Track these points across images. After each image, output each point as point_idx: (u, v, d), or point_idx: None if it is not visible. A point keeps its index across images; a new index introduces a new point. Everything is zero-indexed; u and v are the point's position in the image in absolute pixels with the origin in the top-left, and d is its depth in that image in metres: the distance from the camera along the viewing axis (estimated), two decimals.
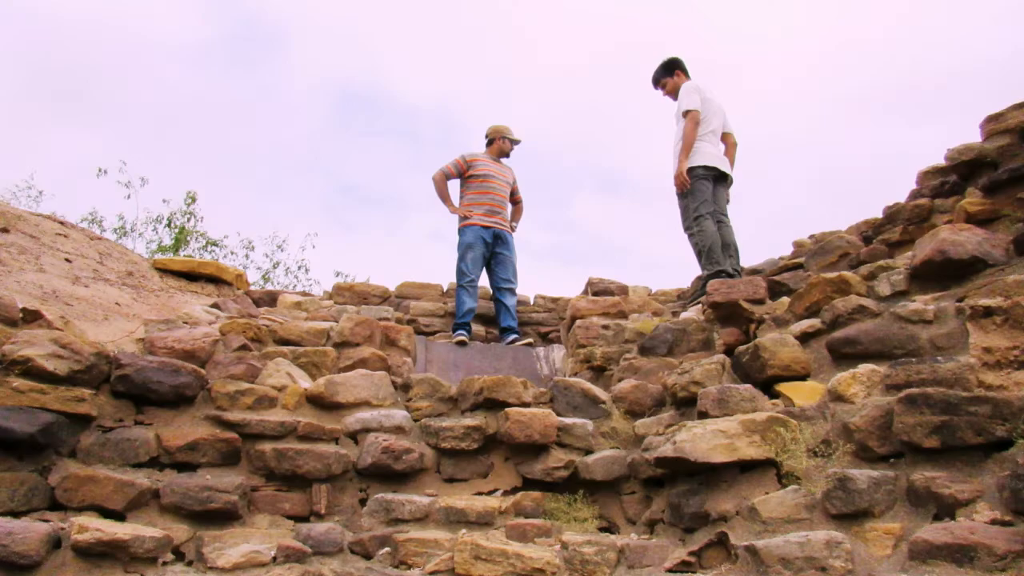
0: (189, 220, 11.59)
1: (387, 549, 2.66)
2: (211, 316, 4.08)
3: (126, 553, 2.36)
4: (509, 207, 5.85)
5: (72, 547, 2.33)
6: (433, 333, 5.38)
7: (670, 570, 2.40)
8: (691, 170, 4.94)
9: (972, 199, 3.52)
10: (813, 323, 3.05)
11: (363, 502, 2.92)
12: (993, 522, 2.03)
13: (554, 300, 5.96)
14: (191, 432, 2.85)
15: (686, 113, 5.00)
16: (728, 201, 5.16)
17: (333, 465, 2.90)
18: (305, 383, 3.24)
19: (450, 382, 3.40)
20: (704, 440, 2.51)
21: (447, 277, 5.98)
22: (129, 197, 11.54)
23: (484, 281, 5.60)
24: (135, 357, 2.90)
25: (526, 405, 3.15)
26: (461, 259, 5.44)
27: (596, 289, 5.70)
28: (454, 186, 5.79)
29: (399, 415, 3.12)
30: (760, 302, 3.39)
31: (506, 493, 2.99)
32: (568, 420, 3.12)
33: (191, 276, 4.92)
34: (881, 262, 3.36)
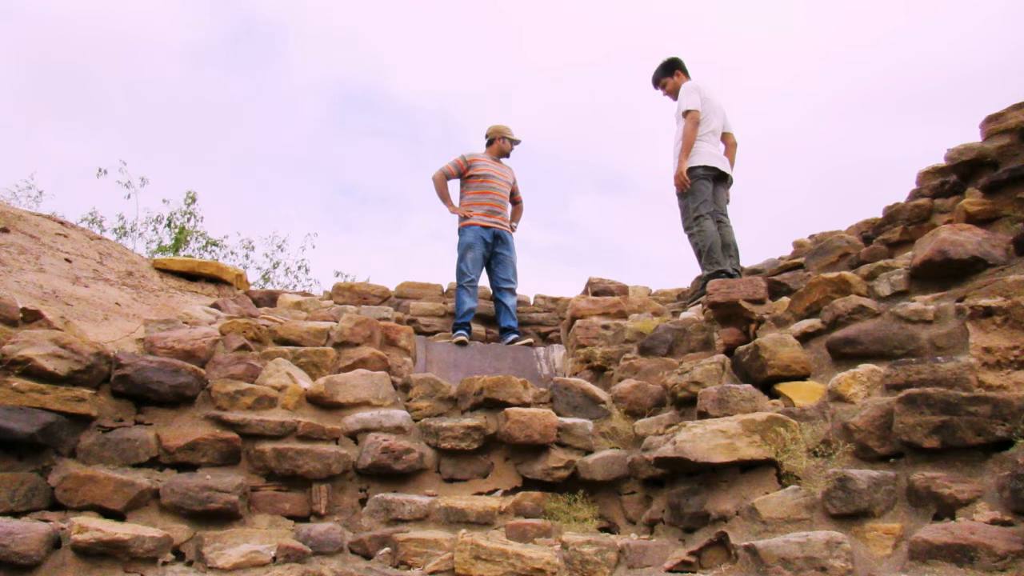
0: (189, 220, 11.62)
1: (387, 549, 2.66)
2: (211, 316, 4.09)
3: (126, 553, 2.36)
4: (509, 207, 5.85)
5: (72, 547, 2.33)
6: (433, 333, 5.38)
7: (670, 570, 2.40)
8: (691, 170, 4.94)
9: (972, 199, 3.52)
10: (813, 323, 3.05)
11: (363, 502, 2.92)
12: (993, 522, 2.02)
13: (554, 300, 5.97)
14: (191, 432, 2.85)
15: (686, 113, 5.01)
16: (728, 201, 5.17)
17: (333, 465, 2.90)
18: (305, 383, 3.24)
19: (450, 382, 3.40)
20: (704, 440, 2.51)
21: (447, 277, 5.99)
22: (129, 197, 11.58)
23: (484, 281, 5.61)
24: (135, 357, 2.90)
25: (526, 405, 3.15)
26: (461, 259, 5.44)
27: (596, 289, 5.70)
28: (454, 186, 5.79)
29: (399, 415, 3.12)
30: (760, 302, 3.39)
31: (506, 493, 2.99)
32: (568, 420, 3.12)
33: (191, 276, 4.92)
34: (881, 262, 3.36)
